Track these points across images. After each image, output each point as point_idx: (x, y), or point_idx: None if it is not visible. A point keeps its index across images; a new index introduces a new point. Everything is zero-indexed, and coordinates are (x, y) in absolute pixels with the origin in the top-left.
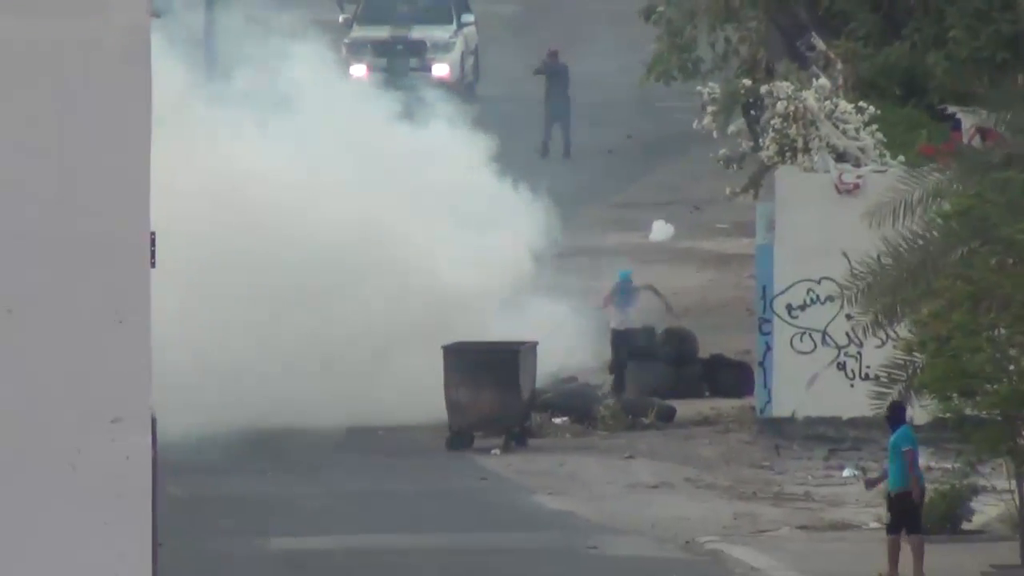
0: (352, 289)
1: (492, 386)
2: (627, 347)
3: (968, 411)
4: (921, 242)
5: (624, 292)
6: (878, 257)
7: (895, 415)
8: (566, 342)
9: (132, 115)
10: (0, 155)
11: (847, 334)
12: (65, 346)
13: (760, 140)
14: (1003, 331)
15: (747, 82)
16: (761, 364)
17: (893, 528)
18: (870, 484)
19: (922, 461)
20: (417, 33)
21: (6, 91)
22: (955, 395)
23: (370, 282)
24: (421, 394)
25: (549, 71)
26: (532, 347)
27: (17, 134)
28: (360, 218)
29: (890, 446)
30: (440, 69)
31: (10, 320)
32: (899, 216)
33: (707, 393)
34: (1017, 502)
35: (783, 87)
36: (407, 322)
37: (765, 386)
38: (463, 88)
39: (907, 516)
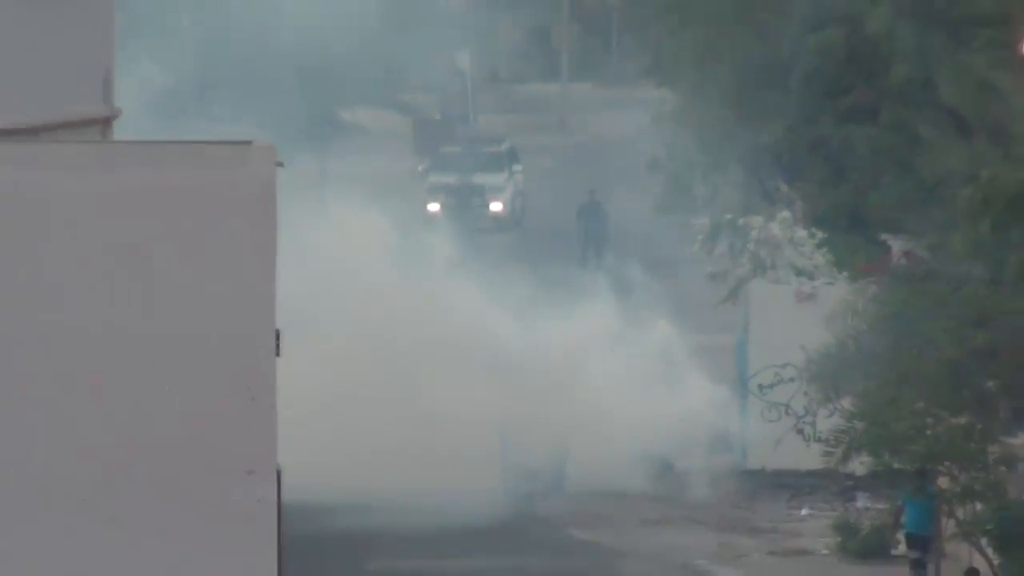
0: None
1: None
2: None
3: (895, 465)
4: (861, 337)
5: None
6: (828, 348)
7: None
8: None
9: (261, 244)
10: (161, 274)
11: (804, 407)
12: (210, 417)
13: (738, 260)
14: (921, 405)
15: (728, 216)
16: None
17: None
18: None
19: (860, 503)
20: (478, 179)
21: (170, 228)
22: (885, 453)
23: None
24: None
25: (587, 205)
26: None
27: (173, 258)
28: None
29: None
30: (496, 207)
31: (168, 397)
32: (849, 320)
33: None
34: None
35: (756, 220)
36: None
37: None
38: (512, 222)
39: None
